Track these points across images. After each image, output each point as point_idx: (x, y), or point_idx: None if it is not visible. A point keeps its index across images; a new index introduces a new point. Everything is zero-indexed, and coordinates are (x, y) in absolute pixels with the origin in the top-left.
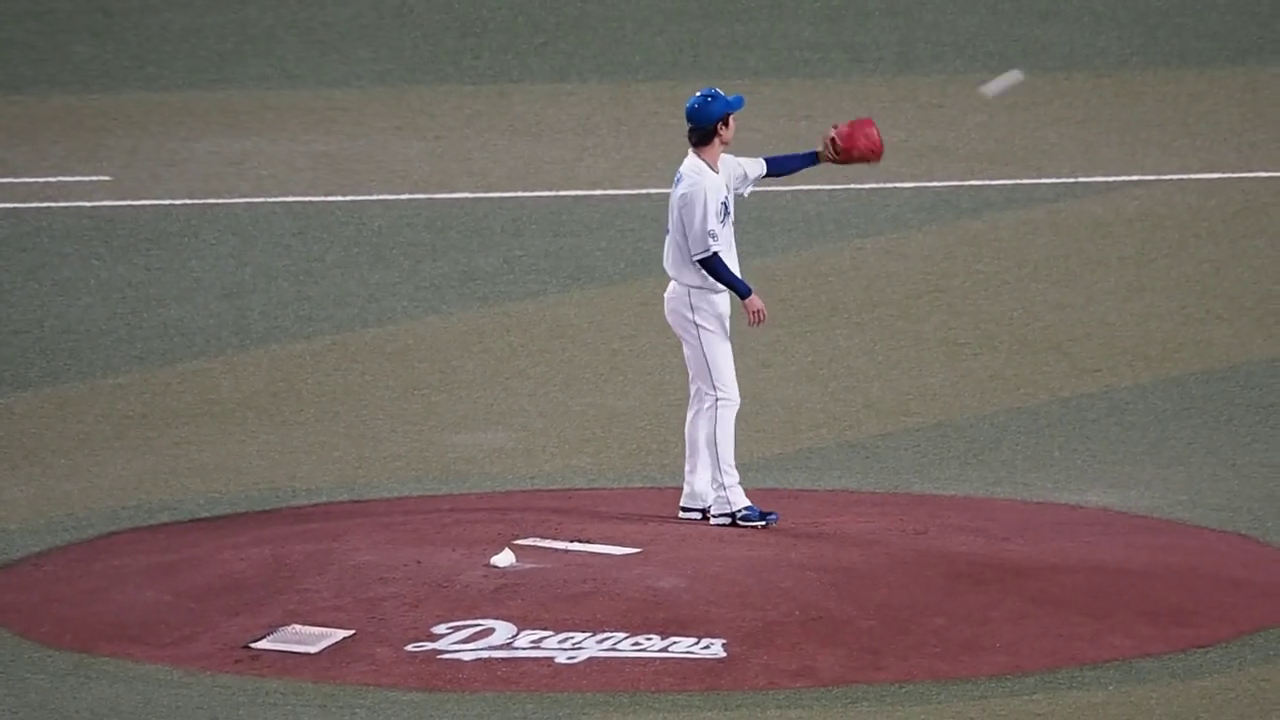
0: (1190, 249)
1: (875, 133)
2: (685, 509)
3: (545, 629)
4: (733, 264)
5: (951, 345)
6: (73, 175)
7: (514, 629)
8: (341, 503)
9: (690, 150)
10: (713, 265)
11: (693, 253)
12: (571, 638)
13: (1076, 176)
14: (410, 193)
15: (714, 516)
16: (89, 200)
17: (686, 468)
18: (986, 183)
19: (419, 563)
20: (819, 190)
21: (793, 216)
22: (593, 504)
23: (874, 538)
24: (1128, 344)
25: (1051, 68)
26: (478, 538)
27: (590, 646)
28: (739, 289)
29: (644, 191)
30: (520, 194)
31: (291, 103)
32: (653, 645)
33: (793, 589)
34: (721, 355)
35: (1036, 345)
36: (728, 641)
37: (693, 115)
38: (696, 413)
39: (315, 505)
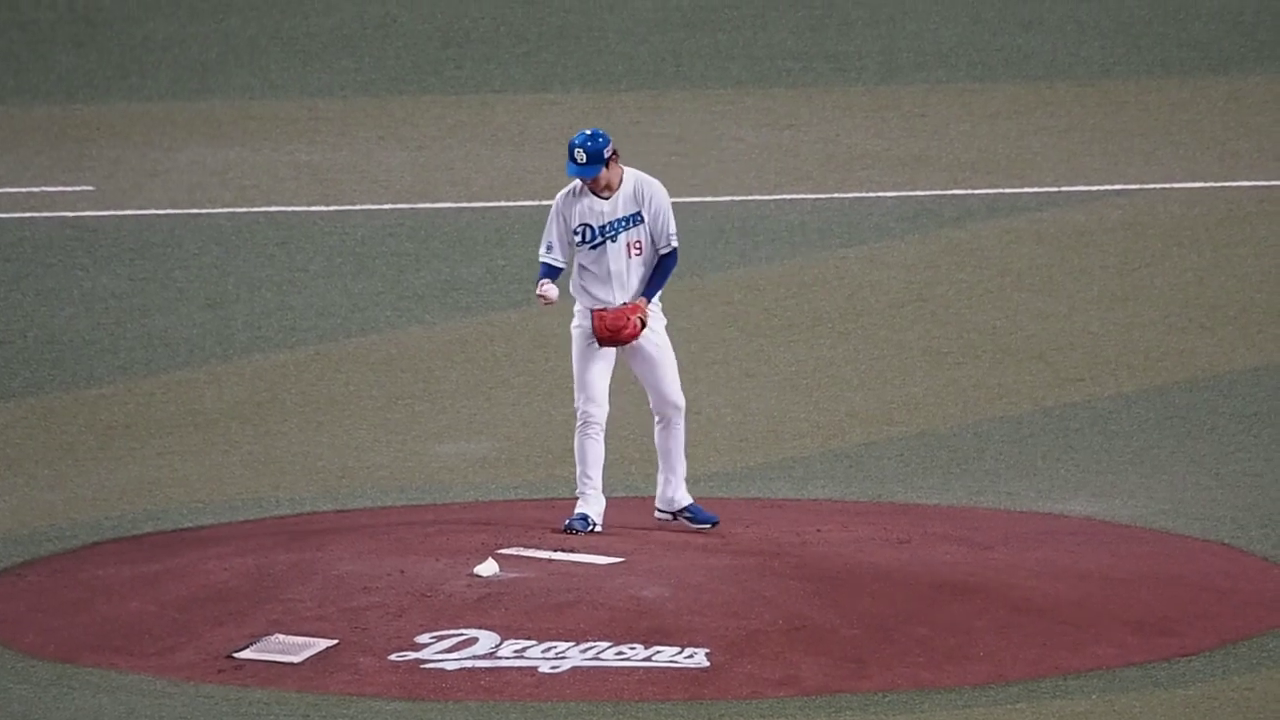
0: (1173, 258)
1: (608, 322)
2: (659, 510)
3: (529, 638)
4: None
5: (935, 354)
6: (56, 185)
7: (497, 638)
8: (325, 513)
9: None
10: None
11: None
12: (555, 647)
13: (1059, 185)
14: (393, 202)
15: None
16: (72, 210)
17: (658, 473)
18: (969, 192)
19: (402, 572)
20: (802, 200)
21: (776, 226)
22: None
23: (858, 547)
24: (1111, 353)
25: (1034, 77)
26: (461, 547)
27: (574, 656)
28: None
29: None
30: (503, 204)
31: (274, 113)
32: (636, 654)
33: (776, 598)
34: (579, 369)
35: (1020, 354)
36: (711, 651)
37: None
38: (660, 424)
39: (299, 515)
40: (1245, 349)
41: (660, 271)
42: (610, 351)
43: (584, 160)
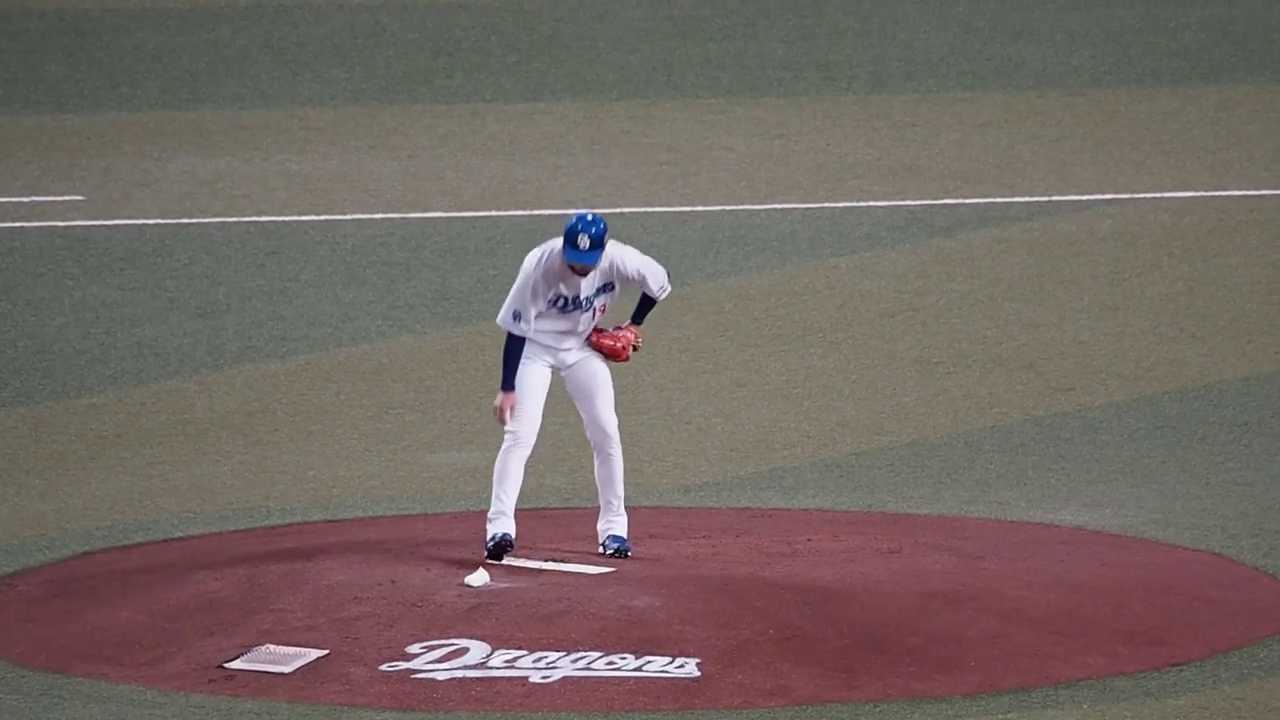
0: (1164, 267)
1: (618, 345)
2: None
3: (520, 648)
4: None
5: (925, 364)
6: (46, 195)
7: (488, 648)
8: (315, 522)
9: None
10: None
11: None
12: (546, 657)
13: (1050, 195)
14: (384, 212)
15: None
16: (62, 220)
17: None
18: (960, 201)
19: (393, 582)
20: (793, 209)
21: (767, 235)
22: (567, 523)
23: (848, 556)
24: (1101, 363)
25: (1025, 86)
26: (452, 557)
27: (565, 666)
28: (504, 379)
29: (618, 210)
30: (494, 213)
31: (265, 122)
32: (627, 664)
33: (767, 608)
34: (517, 390)
35: (1010, 364)
36: (702, 660)
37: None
38: (597, 454)
39: (289, 525)
40: (1236, 358)
41: (649, 309)
42: (547, 375)
43: (588, 246)
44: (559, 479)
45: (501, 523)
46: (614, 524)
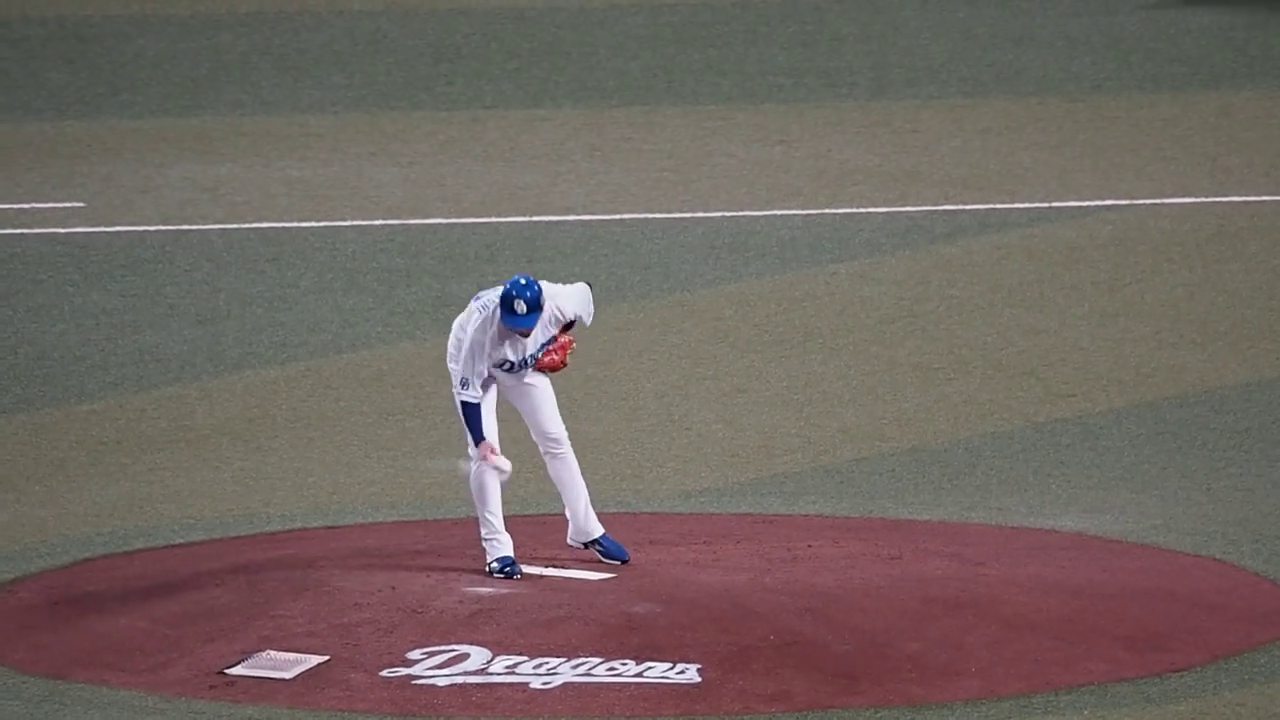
0: (1164, 273)
1: (558, 360)
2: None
3: (520, 654)
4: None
5: (925, 370)
6: (47, 202)
7: (489, 654)
8: (316, 529)
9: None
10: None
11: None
12: (546, 663)
13: (1050, 201)
14: (384, 218)
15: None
16: (63, 227)
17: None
18: (960, 207)
19: (393, 588)
20: (793, 215)
21: (767, 241)
22: (564, 528)
23: (849, 563)
24: (1101, 369)
25: (1025, 93)
26: (452, 564)
27: (565, 672)
28: (474, 438)
29: (617, 217)
30: (494, 220)
31: (265, 129)
32: (628, 670)
33: (768, 614)
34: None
35: (1010, 370)
36: (703, 666)
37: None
38: (547, 455)
39: (290, 531)
40: (1236, 364)
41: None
42: (492, 392)
43: (525, 310)
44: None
45: (499, 545)
46: (593, 526)
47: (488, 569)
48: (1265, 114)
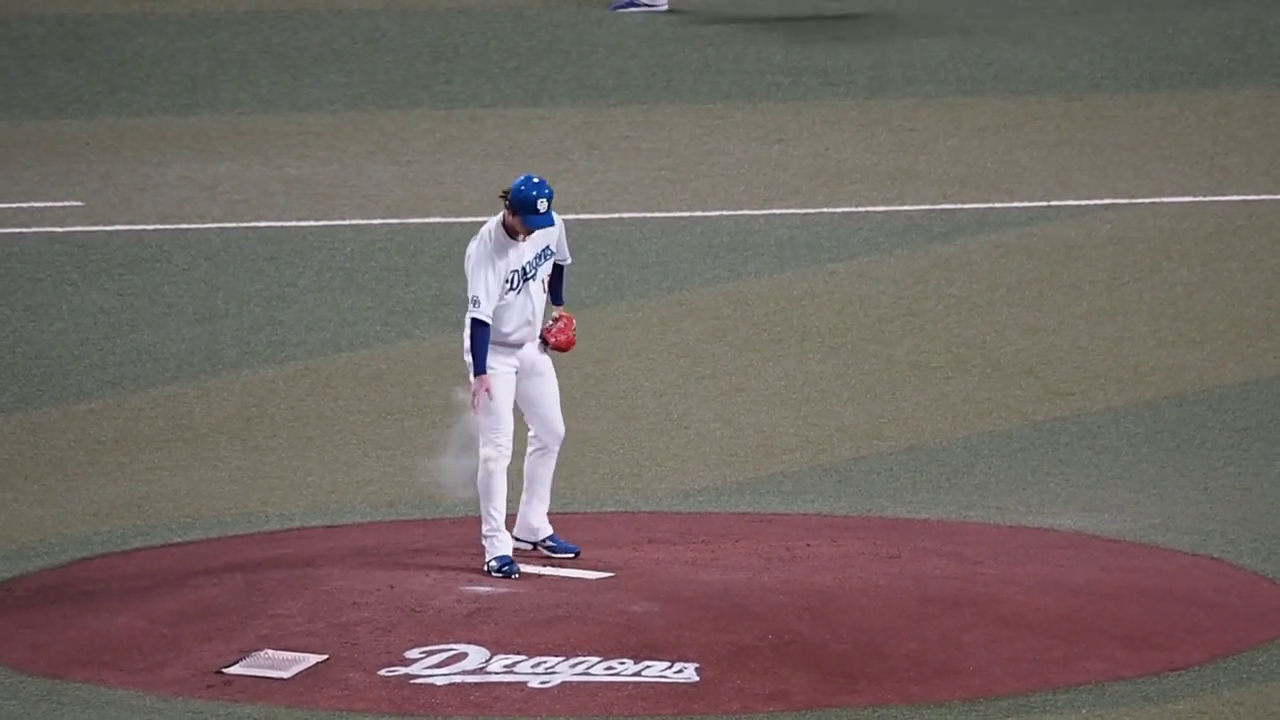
0: (1163, 272)
1: (566, 336)
2: (517, 539)
3: (518, 653)
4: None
5: (924, 369)
6: (45, 200)
7: (487, 653)
8: (314, 528)
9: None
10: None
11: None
12: (545, 662)
13: (1048, 200)
14: (383, 217)
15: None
16: (61, 225)
17: (522, 499)
18: (958, 206)
19: (392, 587)
20: (791, 214)
21: (765, 240)
22: (565, 528)
23: (847, 561)
24: (1100, 368)
25: (1023, 91)
26: (450, 563)
27: (563, 671)
28: (477, 366)
29: (616, 215)
30: (493, 218)
31: (264, 127)
32: (626, 669)
33: (766, 613)
34: (502, 406)
35: (1009, 369)
36: (701, 665)
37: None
38: (538, 452)
39: (288, 530)
40: (1235, 363)
41: (562, 282)
42: (514, 381)
43: (548, 208)
44: (556, 484)
45: (499, 542)
46: (546, 525)
47: (486, 568)
48: (1264, 113)
